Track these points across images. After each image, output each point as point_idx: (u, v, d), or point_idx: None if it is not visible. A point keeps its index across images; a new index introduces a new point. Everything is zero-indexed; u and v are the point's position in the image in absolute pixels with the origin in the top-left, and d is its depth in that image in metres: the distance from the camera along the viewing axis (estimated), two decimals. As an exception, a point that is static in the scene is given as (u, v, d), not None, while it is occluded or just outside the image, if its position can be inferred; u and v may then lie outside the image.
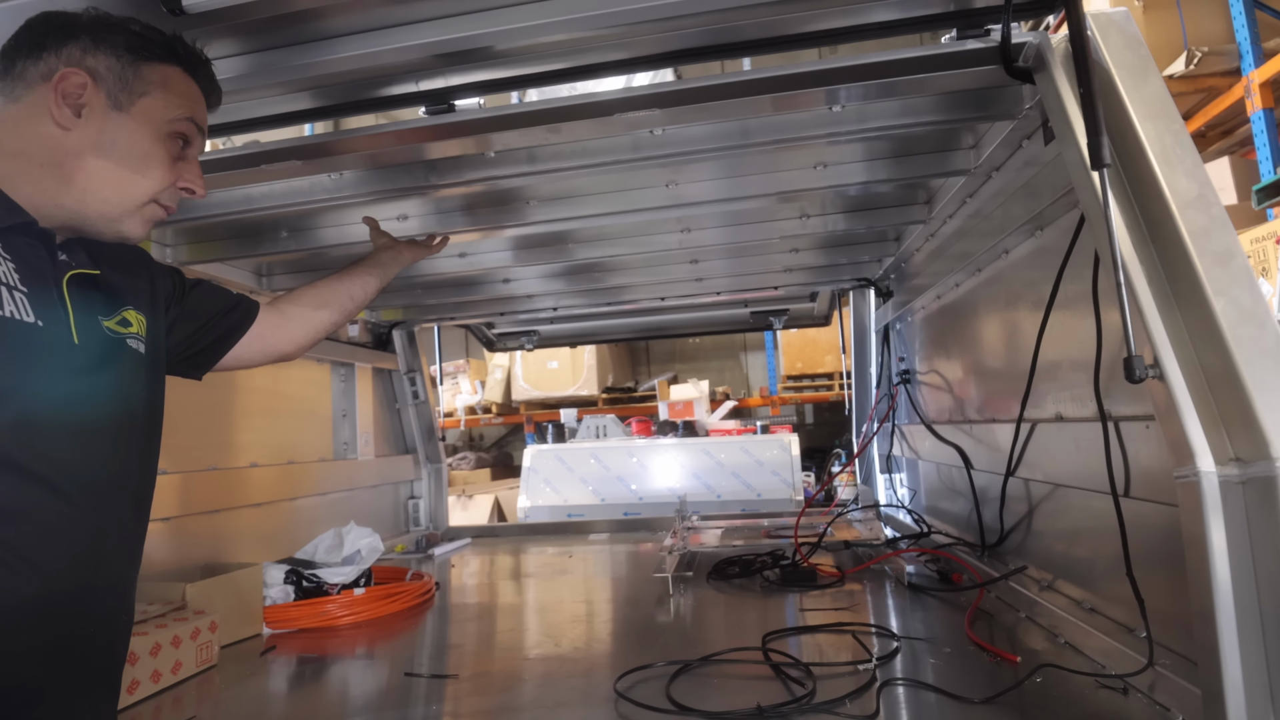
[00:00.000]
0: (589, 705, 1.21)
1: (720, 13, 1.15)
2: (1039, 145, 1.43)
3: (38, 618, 0.83)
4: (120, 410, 0.97)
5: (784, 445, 5.03)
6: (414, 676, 1.44)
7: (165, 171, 1.00)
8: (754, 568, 2.18)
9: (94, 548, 0.90)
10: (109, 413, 0.95)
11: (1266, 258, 4.06)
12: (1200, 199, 0.95)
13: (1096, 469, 1.25)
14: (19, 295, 0.85)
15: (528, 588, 2.38)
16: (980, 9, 1.19)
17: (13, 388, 0.82)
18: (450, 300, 2.91)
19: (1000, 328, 1.87)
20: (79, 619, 0.89)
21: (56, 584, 0.85)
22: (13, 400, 0.82)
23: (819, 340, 8.38)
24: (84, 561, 0.89)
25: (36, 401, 0.84)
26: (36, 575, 0.83)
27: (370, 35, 1.22)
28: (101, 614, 0.93)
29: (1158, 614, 1.12)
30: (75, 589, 0.88)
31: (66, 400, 0.88)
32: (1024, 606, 1.57)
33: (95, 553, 0.90)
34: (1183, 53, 4.87)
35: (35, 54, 0.94)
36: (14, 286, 0.85)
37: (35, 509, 0.83)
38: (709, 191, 1.82)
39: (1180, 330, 0.92)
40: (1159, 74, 1.07)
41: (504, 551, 3.04)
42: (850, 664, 1.32)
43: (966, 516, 2.13)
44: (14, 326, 0.84)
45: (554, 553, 2.89)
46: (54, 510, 0.85)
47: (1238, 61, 4.74)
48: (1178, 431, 0.87)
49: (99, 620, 0.92)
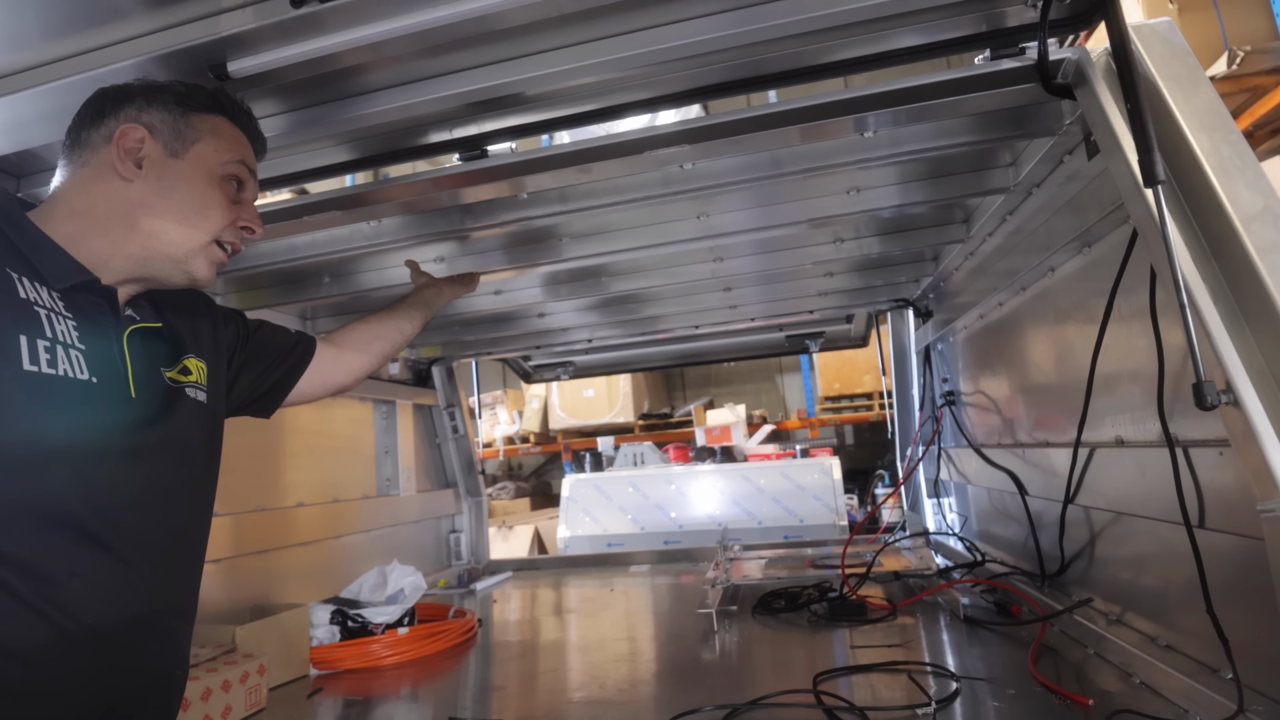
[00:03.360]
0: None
1: (745, 48, 1.15)
2: (1081, 160, 1.38)
3: (90, 679, 0.84)
4: (178, 462, 1.00)
5: (825, 469, 4.93)
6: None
7: (223, 212, 1.04)
8: (800, 601, 2.11)
9: (149, 606, 0.91)
10: (166, 466, 0.97)
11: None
12: (1266, 211, 0.91)
13: (1164, 496, 1.18)
14: (75, 353, 0.88)
15: (570, 624, 2.35)
16: (1013, 28, 1.16)
17: (65, 446, 0.85)
18: (488, 336, 2.94)
19: (1050, 347, 1.81)
20: (133, 678, 0.90)
21: (111, 644, 0.86)
22: (64, 458, 0.84)
23: (856, 360, 8.25)
24: (139, 620, 0.90)
25: (88, 458, 0.86)
26: (90, 637, 0.84)
27: (405, 89, 1.25)
28: (155, 672, 0.94)
29: (1242, 653, 1.05)
30: (129, 648, 0.89)
31: (121, 456, 0.90)
32: (1091, 642, 1.48)
33: (150, 611, 0.92)
34: (1224, 53, 4.73)
35: (96, 121, 1.01)
36: (71, 345, 0.88)
37: (89, 568, 0.85)
38: (741, 221, 1.81)
39: (1253, 352, 0.87)
40: (1210, 83, 1.02)
41: (545, 585, 3.02)
42: (907, 708, 1.26)
43: (1022, 544, 2.04)
44: (65, 384, 0.86)
45: (596, 586, 2.86)
46: (107, 569, 0.87)
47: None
48: (1259, 461, 0.81)
49: (152, 679, 0.93)
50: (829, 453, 5.53)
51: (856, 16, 1.09)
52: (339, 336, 1.44)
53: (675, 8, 1.12)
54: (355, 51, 1.10)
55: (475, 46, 1.18)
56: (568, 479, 5.21)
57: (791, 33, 1.12)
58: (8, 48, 1.11)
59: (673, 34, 1.14)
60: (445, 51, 1.17)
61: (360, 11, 1.03)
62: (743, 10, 1.11)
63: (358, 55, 1.12)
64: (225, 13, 1.03)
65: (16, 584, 0.80)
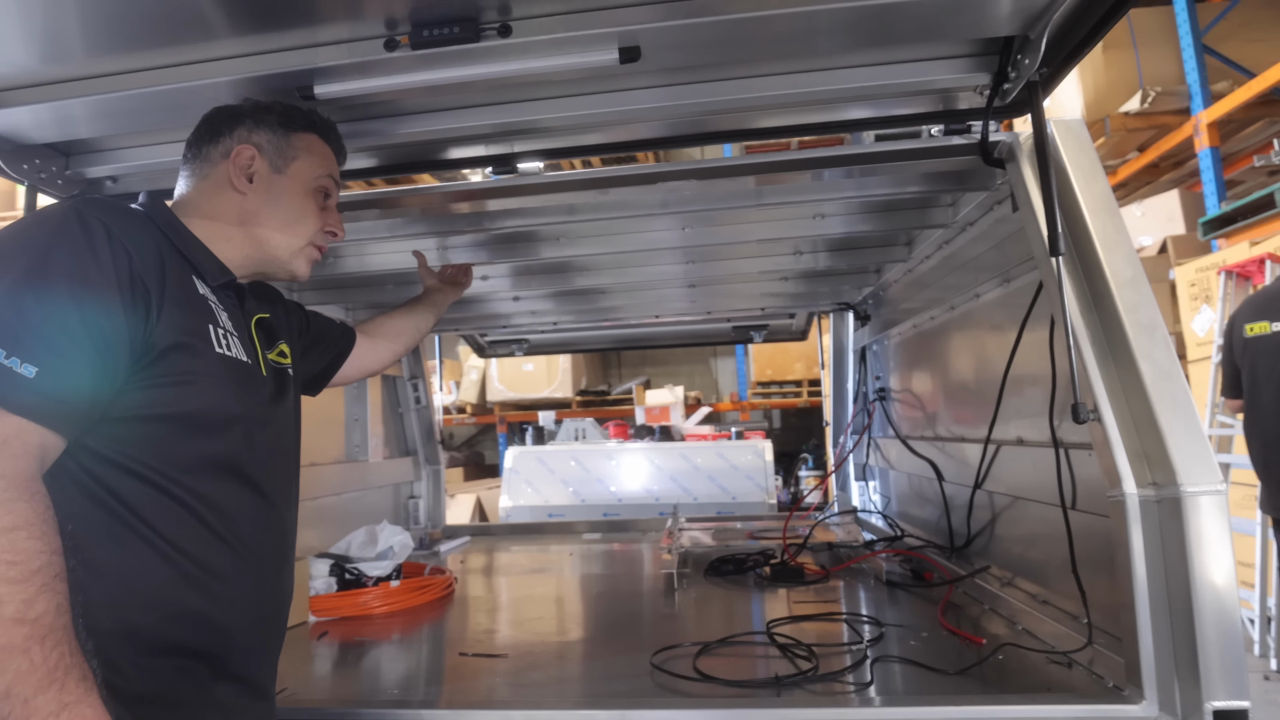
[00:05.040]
0: (635, 677, 1.44)
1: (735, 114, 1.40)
2: (1008, 210, 1.70)
3: (257, 595, 1.05)
4: (291, 429, 1.20)
5: (758, 451, 5.28)
6: (468, 656, 1.65)
7: (316, 219, 1.22)
8: (746, 565, 2.43)
9: (284, 541, 1.13)
10: (286, 431, 1.18)
11: (1210, 286, 4.46)
12: (1133, 280, 1.23)
13: (1049, 485, 1.53)
14: (233, 339, 1.07)
15: (539, 581, 2.58)
16: (962, 110, 1.46)
17: (239, 413, 1.04)
18: (456, 315, 3.09)
19: (970, 359, 2.16)
20: (276, 597, 1.11)
21: (266, 568, 1.07)
22: (237, 423, 1.04)
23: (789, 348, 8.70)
24: (279, 551, 1.11)
25: (249, 423, 1.06)
26: (254, 561, 1.04)
27: (442, 114, 1.45)
28: (287, 594, 1.15)
29: (1096, 604, 1.40)
30: (275, 573, 1.10)
31: (264, 423, 1.10)
32: (988, 600, 1.84)
33: (285, 545, 1.13)
34: (1138, 90, 5.29)
35: (214, 139, 1.17)
36: (229, 331, 1.07)
37: (250, 508, 1.05)
38: (719, 236, 2.07)
39: (1115, 383, 1.20)
40: (1104, 174, 1.34)
41: (503, 549, 3.23)
42: (845, 645, 1.57)
43: (935, 521, 2.42)
44: (236, 365, 1.06)
45: (553, 550, 3.10)
46: (261, 509, 1.07)
47: (1188, 102, 5.16)
48: (1110, 462, 1.14)
49: (285, 599, 1.14)
50: (761, 435, 5.93)
51: (846, 95, 1.36)
52: (371, 327, 1.64)
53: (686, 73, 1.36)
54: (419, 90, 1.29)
55: (510, 89, 1.39)
56: (511, 451, 5.37)
57: (781, 104, 1.38)
58: (106, 50, 1.24)
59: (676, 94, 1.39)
60: (481, 89, 1.38)
61: (437, 61, 1.21)
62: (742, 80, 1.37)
63: (418, 91, 1.31)
64: (322, 46, 1.20)
65: (210, 518, 0.99)
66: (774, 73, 1.36)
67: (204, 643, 0.98)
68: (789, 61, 1.35)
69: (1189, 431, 1.11)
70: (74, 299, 0.88)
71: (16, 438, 0.82)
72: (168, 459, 0.96)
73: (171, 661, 0.94)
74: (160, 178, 1.60)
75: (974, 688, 1.31)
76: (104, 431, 0.92)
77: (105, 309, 0.90)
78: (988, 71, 1.31)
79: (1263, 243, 4.15)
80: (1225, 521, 1.07)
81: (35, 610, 0.76)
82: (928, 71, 1.33)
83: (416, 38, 1.14)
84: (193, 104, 1.21)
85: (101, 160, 1.59)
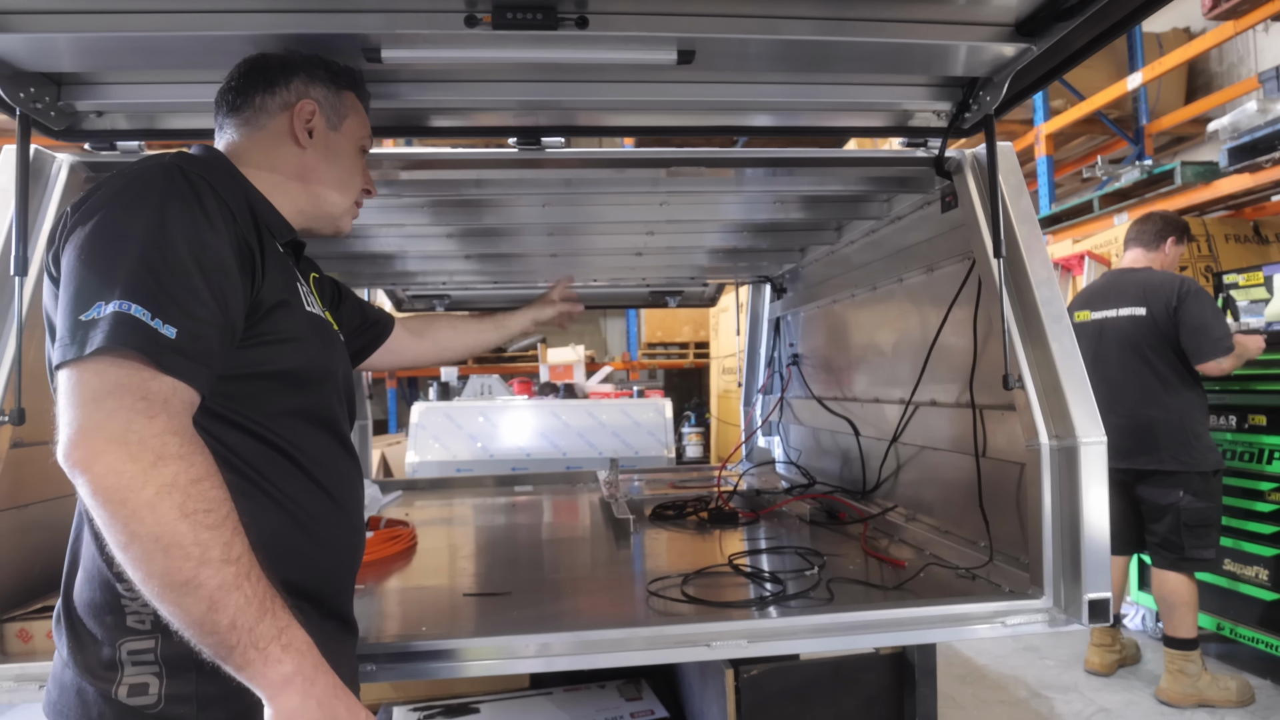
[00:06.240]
0: (635, 604, 1.66)
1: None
2: (936, 210, 2.04)
3: (349, 541, 1.14)
4: (351, 381, 1.26)
5: (659, 408, 5.59)
6: (472, 596, 1.79)
7: (362, 177, 1.28)
8: (686, 511, 2.71)
9: (360, 490, 1.21)
10: (350, 384, 1.23)
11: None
12: (1047, 279, 1.58)
13: (958, 437, 1.90)
14: (312, 297, 1.13)
15: (497, 531, 2.70)
16: (921, 127, 1.75)
17: (330, 369, 1.11)
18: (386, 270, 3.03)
19: (891, 333, 2.52)
20: (359, 544, 1.20)
21: (353, 516, 1.16)
22: (328, 377, 1.11)
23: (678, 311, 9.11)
24: (358, 502, 1.19)
25: (335, 378, 1.14)
26: (345, 509, 1.13)
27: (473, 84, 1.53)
28: (362, 543, 1.23)
29: (994, 530, 1.79)
30: (360, 523, 1.19)
31: (346, 377, 1.18)
32: (895, 533, 2.23)
33: (360, 496, 1.21)
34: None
35: (269, 88, 1.16)
36: (310, 290, 1.12)
37: (339, 461, 1.13)
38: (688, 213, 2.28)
39: (1032, 359, 1.55)
40: (1027, 191, 1.68)
41: (439, 503, 3.27)
42: (799, 571, 1.88)
43: (838, 471, 2.81)
44: (321, 322, 1.12)
45: (493, 502, 3.23)
46: (347, 461, 1.15)
47: (1031, 114, 5.93)
48: (1030, 420, 1.49)
49: (361, 547, 1.23)
50: (661, 394, 6.26)
51: (819, 106, 1.61)
52: (418, 324, 1.67)
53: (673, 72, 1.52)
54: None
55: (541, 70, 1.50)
56: (417, 406, 5.32)
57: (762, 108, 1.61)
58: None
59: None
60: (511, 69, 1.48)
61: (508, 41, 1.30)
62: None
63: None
64: (401, 13, 1.24)
65: (311, 469, 1.05)
66: (769, 81, 1.58)
67: (314, 584, 1.06)
68: (786, 74, 1.56)
69: (1083, 398, 1.48)
70: (195, 260, 0.92)
71: (174, 395, 0.87)
72: (273, 414, 1.02)
73: (289, 602, 1.04)
74: (162, 117, 1.58)
75: (910, 599, 1.65)
76: (215, 389, 0.96)
77: (223, 270, 0.95)
78: (951, 101, 1.60)
79: (1082, 241, 4.94)
80: (1104, 465, 1.45)
81: (236, 550, 0.83)
82: (903, 95, 1.60)
83: (499, 18, 1.20)
84: (220, 50, 1.22)
85: (91, 95, 1.51)
